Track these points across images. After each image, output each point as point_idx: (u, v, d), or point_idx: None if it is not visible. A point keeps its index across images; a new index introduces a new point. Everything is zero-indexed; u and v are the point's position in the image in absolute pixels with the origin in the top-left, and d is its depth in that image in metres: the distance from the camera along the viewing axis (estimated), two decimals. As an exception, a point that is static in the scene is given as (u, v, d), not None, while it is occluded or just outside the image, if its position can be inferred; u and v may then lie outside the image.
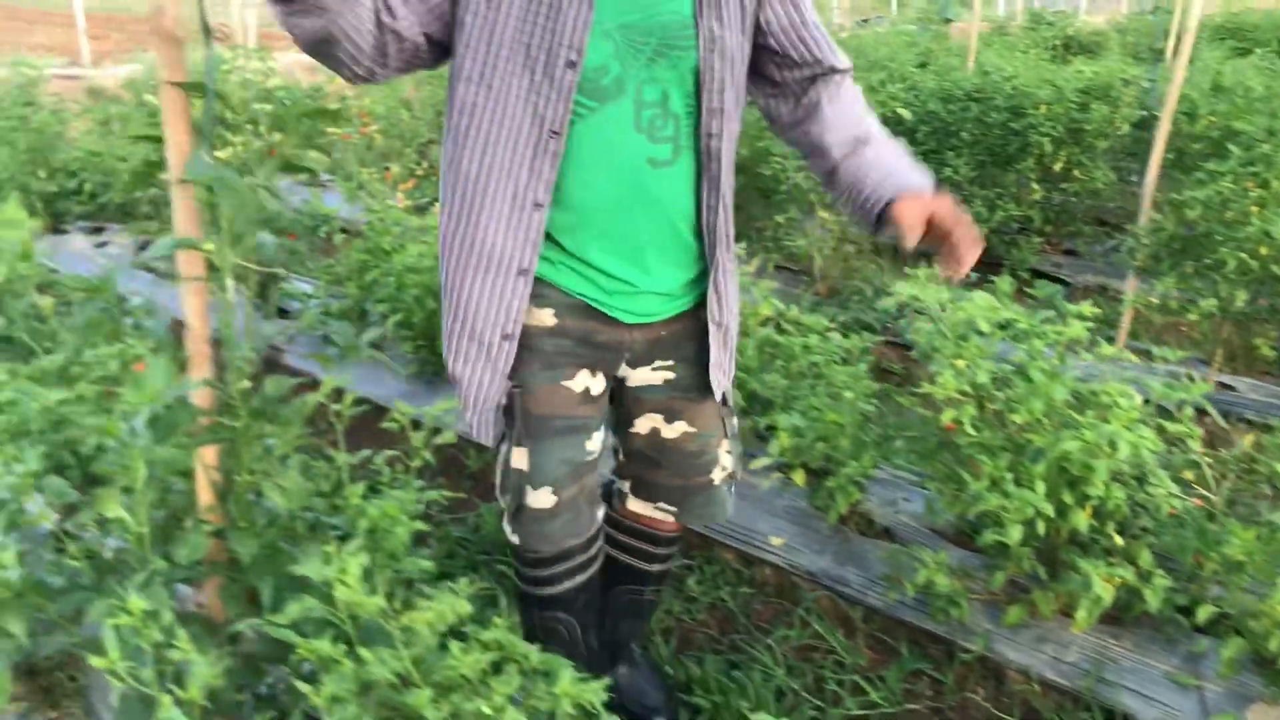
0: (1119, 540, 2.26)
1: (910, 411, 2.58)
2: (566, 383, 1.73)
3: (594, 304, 1.70)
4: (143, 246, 4.93)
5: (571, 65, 1.55)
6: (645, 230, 1.66)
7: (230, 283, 1.55)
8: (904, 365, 3.99)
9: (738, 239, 2.26)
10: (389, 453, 1.94)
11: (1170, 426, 2.27)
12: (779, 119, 1.83)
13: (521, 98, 1.57)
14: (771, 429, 2.75)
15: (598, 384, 1.77)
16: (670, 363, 1.81)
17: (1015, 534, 2.15)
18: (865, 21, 17.85)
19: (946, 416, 2.27)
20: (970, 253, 1.52)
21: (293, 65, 9.96)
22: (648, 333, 1.76)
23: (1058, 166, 5.12)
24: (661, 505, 1.96)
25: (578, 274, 1.68)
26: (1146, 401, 2.25)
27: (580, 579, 1.92)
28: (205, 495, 1.66)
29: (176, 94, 1.49)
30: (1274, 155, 3.44)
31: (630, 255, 1.67)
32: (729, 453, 1.92)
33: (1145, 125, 4.91)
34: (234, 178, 1.42)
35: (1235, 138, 3.75)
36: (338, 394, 1.79)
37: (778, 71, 1.75)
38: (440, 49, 1.63)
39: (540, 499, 1.75)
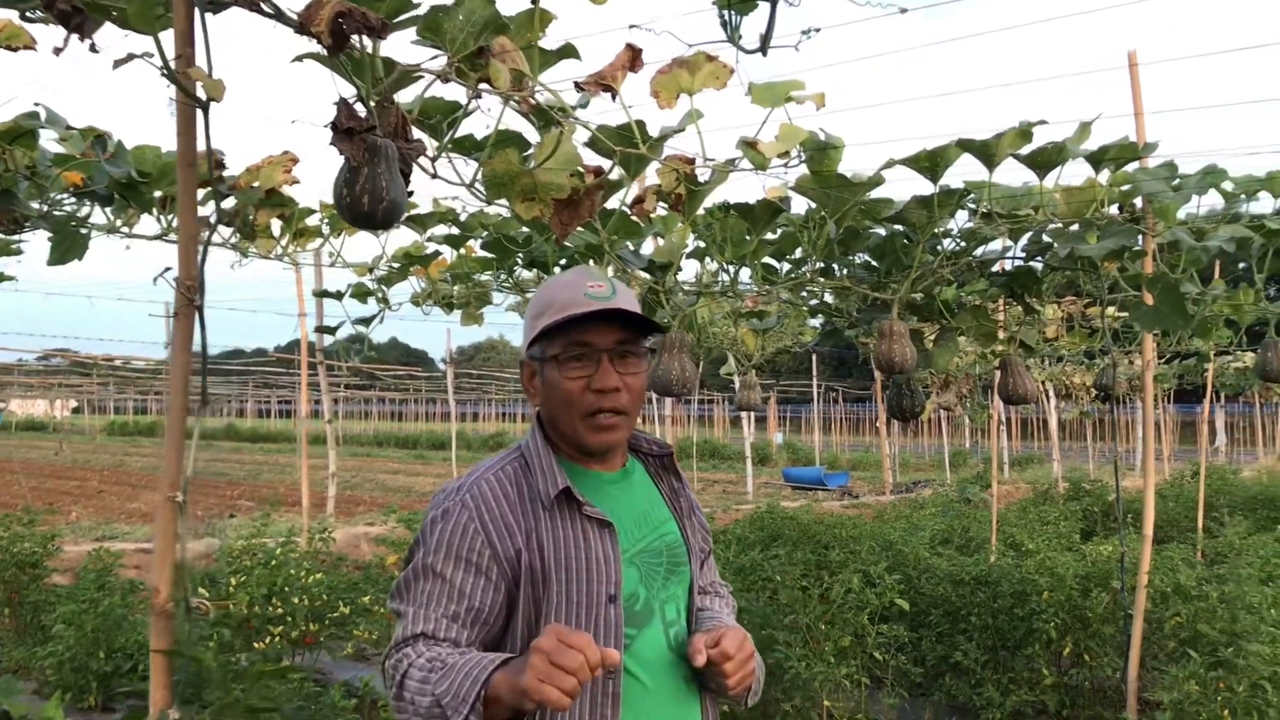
0: None
1: None
2: None
3: None
4: (180, 729, 5.16)
5: (612, 600, 1.64)
6: None
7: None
8: None
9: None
10: None
11: None
12: None
13: None
14: None
15: None
16: None
17: None
18: (915, 484, 18.48)
19: None
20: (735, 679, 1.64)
21: (359, 536, 10.63)
22: None
23: (1066, 651, 5.22)
24: None
25: None
26: None
27: None
28: None
29: (161, 660, 1.83)
30: (1235, 660, 3.56)
31: None
32: None
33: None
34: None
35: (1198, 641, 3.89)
36: None
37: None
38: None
39: None
